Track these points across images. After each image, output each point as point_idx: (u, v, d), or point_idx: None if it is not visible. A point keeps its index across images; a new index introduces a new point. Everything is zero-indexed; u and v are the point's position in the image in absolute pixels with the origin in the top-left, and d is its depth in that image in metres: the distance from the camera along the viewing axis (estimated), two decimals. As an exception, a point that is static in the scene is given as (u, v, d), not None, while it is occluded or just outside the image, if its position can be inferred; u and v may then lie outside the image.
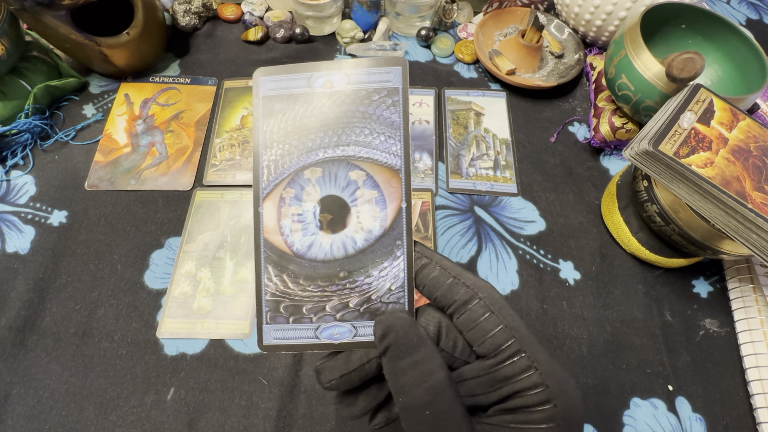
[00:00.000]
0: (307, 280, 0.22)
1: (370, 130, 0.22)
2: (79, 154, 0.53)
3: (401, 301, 0.22)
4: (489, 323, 0.20)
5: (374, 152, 0.22)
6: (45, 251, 0.46)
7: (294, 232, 0.22)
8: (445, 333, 0.21)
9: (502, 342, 0.20)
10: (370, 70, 0.22)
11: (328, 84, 0.22)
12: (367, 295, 0.22)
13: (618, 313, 0.46)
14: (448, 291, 0.21)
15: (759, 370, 0.42)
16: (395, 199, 0.22)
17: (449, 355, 0.21)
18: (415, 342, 0.20)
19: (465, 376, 0.21)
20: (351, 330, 0.22)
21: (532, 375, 0.19)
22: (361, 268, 0.22)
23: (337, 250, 0.22)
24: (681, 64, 0.43)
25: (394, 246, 0.22)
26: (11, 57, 0.50)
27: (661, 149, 0.37)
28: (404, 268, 0.22)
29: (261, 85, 0.22)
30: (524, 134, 0.58)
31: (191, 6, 0.63)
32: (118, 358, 0.42)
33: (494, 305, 0.20)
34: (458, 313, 0.20)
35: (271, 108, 0.22)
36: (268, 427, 0.39)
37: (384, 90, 0.22)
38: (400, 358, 0.20)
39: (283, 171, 0.22)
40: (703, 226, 0.40)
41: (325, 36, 0.66)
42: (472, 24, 0.67)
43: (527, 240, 0.50)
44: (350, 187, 0.22)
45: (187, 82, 0.59)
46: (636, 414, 0.41)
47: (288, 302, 0.22)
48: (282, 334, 0.22)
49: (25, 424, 0.38)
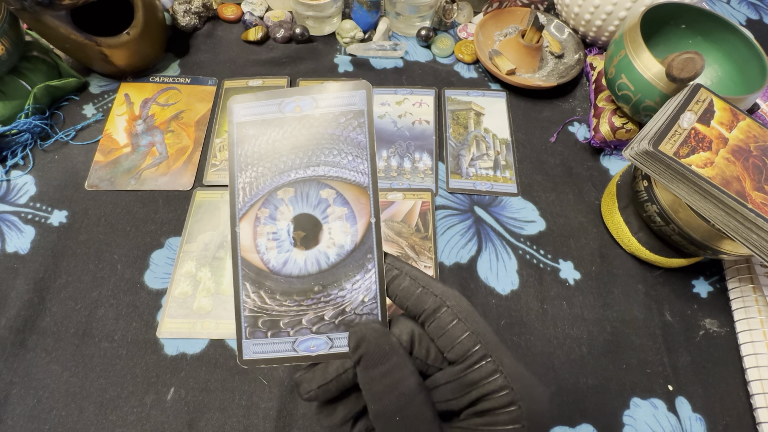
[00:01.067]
0: (284, 295, 0.23)
1: (338, 150, 0.23)
2: (79, 154, 0.53)
3: (374, 312, 0.22)
4: (457, 330, 0.21)
5: (343, 171, 0.23)
6: (45, 251, 0.46)
7: (269, 249, 0.23)
8: (418, 341, 0.21)
9: (469, 348, 0.20)
10: (336, 95, 0.23)
11: (298, 109, 0.23)
12: (341, 307, 0.23)
13: (618, 313, 0.46)
14: (418, 300, 0.21)
15: (759, 370, 0.42)
16: (365, 215, 0.23)
17: (423, 362, 0.21)
18: (387, 351, 0.20)
19: (437, 382, 0.21)
20: (327, 342, 0.23)
21: (497, 378, 0.20)
22: (335, 281, 0.23)
23: (311, 266, 0.23)
24: (681, 64, 0.43)
25: (365, 259, 0.23)
26: (11, 57, 0.50)
27: (661, 149, 0.37)
28: (376, 280, 0.23)
29: (235, 112, 0.23)
30: (524, 134, 0.58)
31: (191, 6, 0.63)
32: (118, 358, 0.42)
33: (461, 313, 0.21)
34: (428, 321, 0.21)
35: (245, 133, 0.23)
36: (268, 427, 0.39)
37: (350, 113, 0.23)
38: (373, 367, 0.20)
39: (258, 192, 0.23)
40: (703, 226, 0.40)
41: (325, 36, 0.66)
42: (472, 24, 0.67)
43: (527, 240, 0.50)
44: (321, 205, 0.23)
45: (187, 82, 0.60)
46: (636, 414, 0.41)
47: (266, 317, 0.23)
48: (261, 348, 0.23)
49: (25, 424, 0.39)
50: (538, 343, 0.44)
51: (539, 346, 0.44)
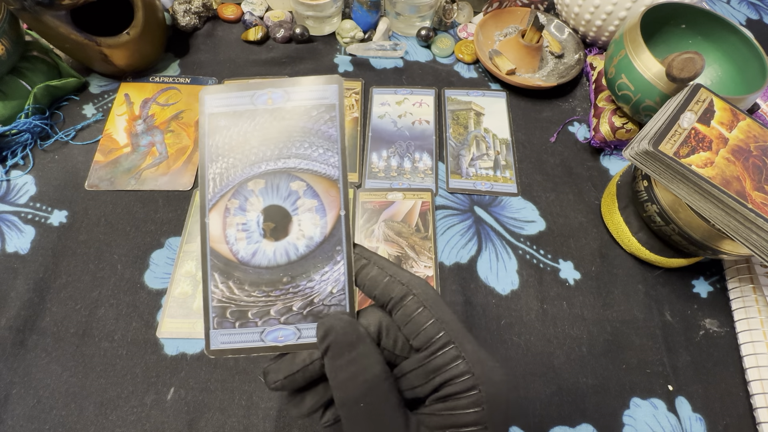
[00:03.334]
0: (252, 285, 0.23)
1: (310, 143, 0.23)
2: (79, 154, 0.53)
3: (342, 303, 0.23)
4: (422, 317, 0.21)
5: (313, 164, 0.23)
6: (45, 251, 0.46)
7: (239, 240, 0.23)
8: (386, 332, 0.22)
9: (433, 334, 0.21)
10: (309, 88, 0.23)
11: (270, 101, 0.23)
12: (309, 298, 0.23)
13: (618, 313, 0.46)
14: (385, 289, 0.22)
15: (759, 370, 0.42)
16: (334, 207, 0.23)
17: (391, 352, 0.22)
18: (354, 341, 0.21)
19: (404, 370, 0.22)
20: (295, 332, 0.23)
21: (459, 364, 0.20)
22: (303, 273, 0.23)
23: (280, 257, 0.23)
24: (681, 64, 0.43)
25: (334, 251, 0.23)
26: (11, 57, 0.50)
27: (661, 149, 0.37)
28: (344, 272, 0.23)
29: (206, 102, 0.23)
30: (524, 134, 0.58)
31: (191, 6, 0.63)
32: (118, 358, 0.42)
33: (427, 301, 0.21)
34: (395, 309, 0.22)
35: (216, 124, 0.23)
36: (268, 427, 0.39)
37: (322, 106, 0.23)
38: (339, 356, 0.21)
39: (228, 183, 0.23)
40: (703, 226, 0.40)
41: (325, 36, 0.66)
42: (472, 24, 0.67)
43: (527, 240, 0.50)
44: (291, 197, 0.23)
45: (187, 82, 0.59)
46: (636, 414, 0.41)
47: (234, 307, 0.23)
48: (228, 339, 0.23)
49: (25, 424, 0.38)
50: (538, 343, 0.44)
51: (539, 346, 0.44)
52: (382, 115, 0.58)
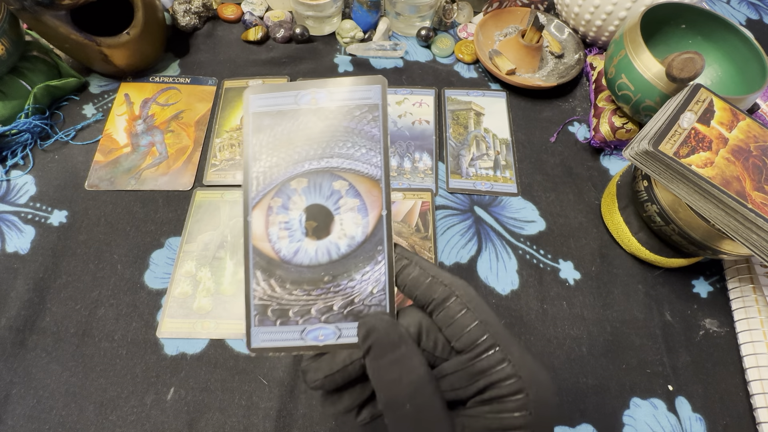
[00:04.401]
0: (293, 284, 0.23)
1: (353, 143, 0.23)
2: (79, 154, 0.53)
3: (383, 303, 0.23)
4: (465, 319, 0.21)
5: (356, 164, 0.23)
6: (45, 251, 0.46)
7: (281, 239, 0.23)
8: (426, 333, 0.22)
9: (477, 337, 0.21)
10: (352, 88, 0.23)
11: (314, 101, 0.23)
12: (350, 298, 0.23)
13: (618, 313, 0.46)
14: (427, 290, 0.22)
15: (759, 370, 0.42)
16: (376, 207, 0.23)
17: (430, 354, 0.22)
18: (396, 341, 0.21)
19: (445, 371, 0.22)
20: (335, 332, 0.23)
21: (505, 367, 0.20)
22: (345, 272, 0.23)
23: (322, 256, 0.23)
24: (681, 64, 0.43)
25: (376, 251, 0.23)
26: (11, 57, 0.50)
27: (661, 149, 0.37)
28: (385, 272, 0.23)
29: (251, 102, 0.24)
30: (524, 134, 0.58)
31: (191, 6, 0.63)
32: (118, 358, 0.42)
33: (470, 302, 0.21)
34: (437, 310, 0.22)
35: (260, 123, 0.24)
36: (268, 427, 0.39)
37: (365, 106, 0.23)
38: (382, 356, 0.21)
39: (272, 182, 0.23)
40: (703, 226, 0.40)
41: (325, 36, 0.66)
42: (472, 24, 0.67)
43: (527, 240, 0.50)
44: (334, 196, 0.23)
45: (187, 82, 0.60)
46: (636, 414, 0.41)
47: (275, 306, 0.23)
48: (269, 337, 0.23)
49: (25, 424, 0.39)
50: (538, 343, 0.44)
51: (539, 346, 0.44)
52: (382, 115, 0.58)
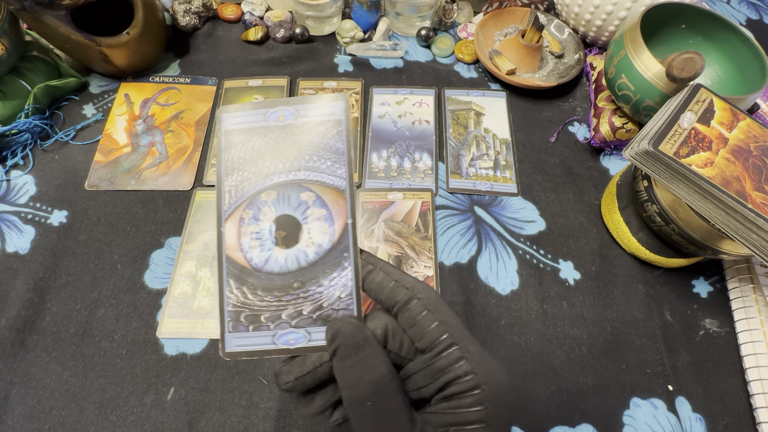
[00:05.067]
0: (265, 291, 0.24)
1: (318, 156, 0.25)
2: (79, 154, 0.53)
3: (350, 307, 0.24)
4: (426, 320, 0.22)
5: (322, 176, 0.25)
6: (45, 251, 0.46)
7: (252, 248, 0.24)
8: (392, 335, 0.23)
9: (437, 336, 0.22)
10: (317, 105, 0.25)
11: (281, 118, 0.25)
12: (319, 303, 0.24)
13: (618, 313, 0.46)
14: (391, 293, 0.23)
15: (759, 370, 0.42)
16: (342, 216, 0.24)
17: (396, 354, 0.23)
18: (361, 343, 0.22)
19: (410, 371, 0.23)
20: (305, 335, 0.24)
21: (463, 364, 0.21)
22: (313, 278, 0.24)
23: (291, 263, 0.24)
24: (681, 64, 0.43)
25: (342, 258, 0.24)
26: (11, 57, 0.50)
27: (661, 149, 0.37)
28: (352, 278, 0.24)
29: (223, 120, 0.25)
30: (524, 134, 0.58)
31: (191, 6, 0.63)
32: (118, 357, 0.42)
33: (431, 304, 0.22)
34: (400, 312, 0.23)
35: (231, 140, 0.25)
36: (268, 427, 0.39)
37: (330, 122, 0.25)
38: (347, 357, 0.22)
39: (243, 195, 0.25)
40: (703, 226, 0.40)
41: (325, 36, 0.66)
42: (472, 24, 0.67)
43: (527, 240, 0.50)
44: (301, 207, 0.25)
45: (187, 82, 0.60)
46: (636, 414, 0.41)
47: (248, 312, 0.24)
48: (243, 342, 0.24)
49: (25, 424, 0.39)
50: (538, 343, 0.44)
51: (539, 346, 0.44)
52: (382, 115, 0.58)
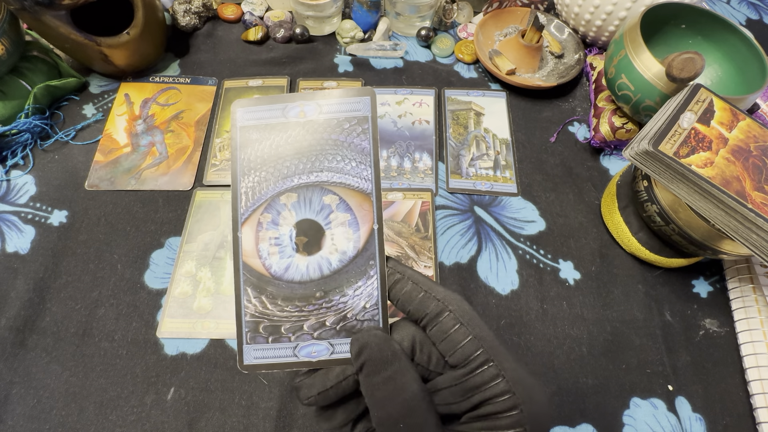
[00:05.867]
0: (285, 300, 0.23)
1: (342, 156, 0.23)
2: (79, 154, 0.53)
3: (376, 318, 0.22)
4: (459, 335, 0.21)
5: (346, 177, 0.23)
6: (45, 251, 0.46)
7: (271, 255, 0.23)
8: (420, 347, 0.21)
9: (471, 352, 0.20)
10: (341, 100, 0.23)
11: (302, 114, 0.23)
12: (342, 313, 0.23)
13: (618, 313, 0.46)
14: (420, 305, 0.21)
15: (759, 370, 0.42)
16: (367, 221, 0.23)
17: (424, 368, 0.21)
18: (389, 357, 0.20)
19: (439, 386, 0.21)
20: (328, 348, 0.23)
21: (499, 383, 0.20)
22: (337, 288, 0.23)
23: (313, 272, 0.23)
24: (681, 64, 0.43)
25: (368, 266, 0.23)
26: (11, 57, 0.50)
27: (661, 149, 0.37)
28: (378, 287, 0.22)
29: (238, 115, 0.23)
30: (524, 134, 0.58)
31: (191, 6, 0.63)
32: (118, 357, 0.42)
33: (464, 317, 0.21)
34: (430, 325, 0.21)
35: (248, 137, 0.23)
36: (268, 427, 0.39)
37: (354, 119, 0.23)
38: (375, 373, 0.20)
39: (260, 197, 0.23)
40: (703, 226, 0.40)
41: (325, 36, 0.66)
42: (472, 24, 0.67)
43: (527, 240, 0.50)
44: (324, 211, 0.23)
45: (187, 82, 0.60)
46: (636, 414, 0.41)
47: (267, 322, 0.23)
48: (262, 354, 0.23)
49: (25, 424, 0.39)
50: (538, 343, 0.44)
51: (539, 346, 0.44)
52: (382, 115, 0.58)
